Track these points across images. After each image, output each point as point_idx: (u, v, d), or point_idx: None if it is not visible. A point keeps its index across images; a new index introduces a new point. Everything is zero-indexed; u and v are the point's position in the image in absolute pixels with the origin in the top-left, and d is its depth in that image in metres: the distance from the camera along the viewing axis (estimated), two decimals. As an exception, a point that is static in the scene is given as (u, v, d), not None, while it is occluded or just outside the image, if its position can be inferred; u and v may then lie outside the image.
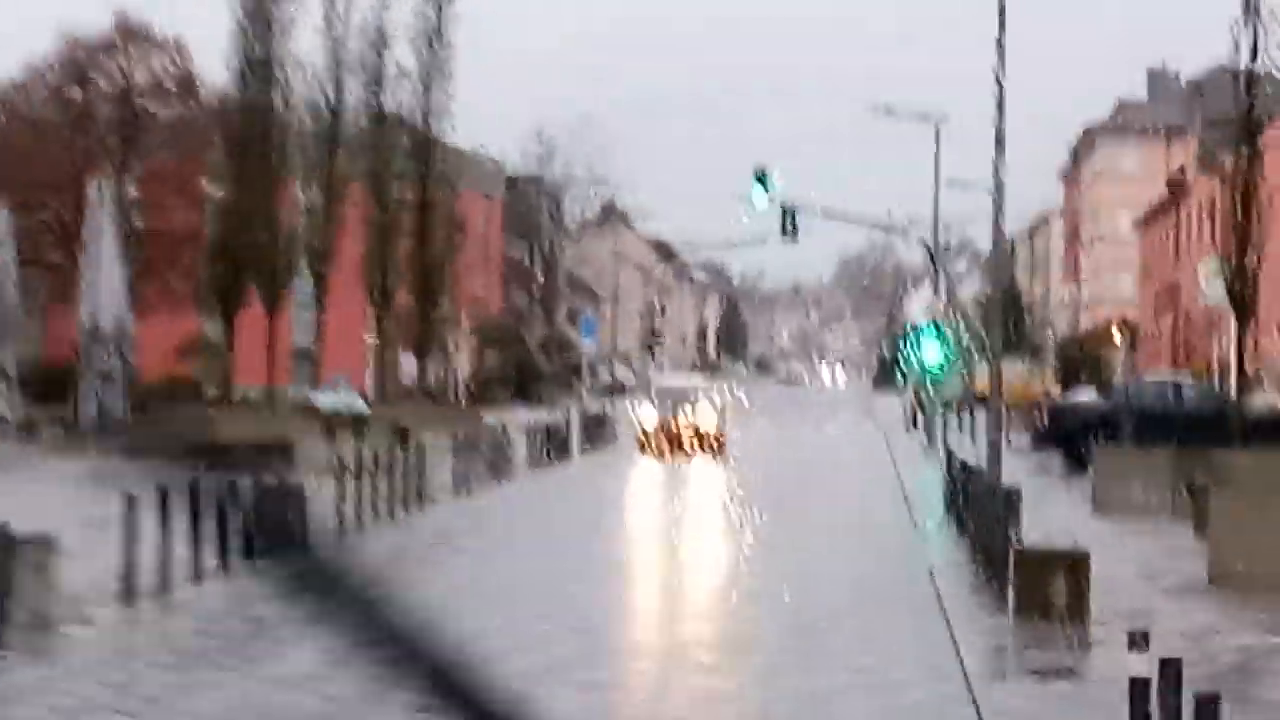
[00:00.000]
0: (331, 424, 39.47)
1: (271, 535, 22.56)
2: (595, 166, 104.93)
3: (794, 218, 63.41)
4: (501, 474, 37.92)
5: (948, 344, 52.70)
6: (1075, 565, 17.83)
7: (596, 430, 52.20)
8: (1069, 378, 74.84)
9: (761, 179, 52.18)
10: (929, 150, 52.24)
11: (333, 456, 34.16)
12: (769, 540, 27.17)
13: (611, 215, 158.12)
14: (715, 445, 47.45)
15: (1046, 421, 44.90)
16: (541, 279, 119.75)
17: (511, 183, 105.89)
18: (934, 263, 52.49)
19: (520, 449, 41.26)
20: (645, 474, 43.57)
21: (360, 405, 40.86)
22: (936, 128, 52.32)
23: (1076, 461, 43.06)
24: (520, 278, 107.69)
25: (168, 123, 57.95)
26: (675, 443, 46.90)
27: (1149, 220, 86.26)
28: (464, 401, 61.50)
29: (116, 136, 56.83)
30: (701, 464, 45.44)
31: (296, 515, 24.82)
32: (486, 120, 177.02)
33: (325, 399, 40.33)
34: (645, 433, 47.87)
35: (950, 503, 29.32)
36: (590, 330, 67.41)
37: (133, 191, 57.47)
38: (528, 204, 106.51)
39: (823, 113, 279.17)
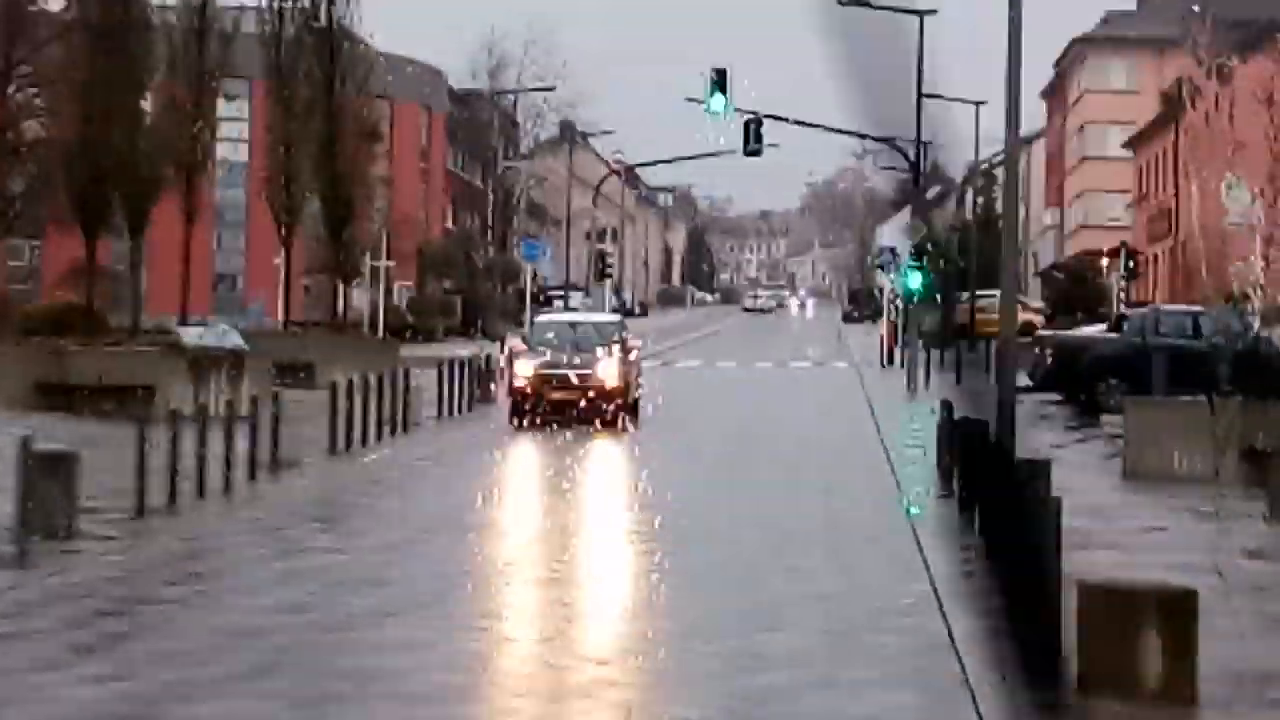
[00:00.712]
0: (201, 363, 32.91)
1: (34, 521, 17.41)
2: (550, 79, 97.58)
3: (758, 130, 56.87)
4: (398, 427, 31.45)
5: (926, 269, 46.26)
6: (1174, 608, 11.38)
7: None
8: (1058, 309, 68.40)
9: (719, 82, 45.55)
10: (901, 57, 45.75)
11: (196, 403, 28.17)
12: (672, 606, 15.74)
13: (569, 134, 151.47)
14: (616, 410, 33.64)
15: (1050, 361, 38.46)
16: (494, 201, 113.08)
17: (460, 98, 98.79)
18: (916, 176, 45.99)
19: (426, 395, 34.79)
20: (515, 457, 30.32)
21: (235, 341, 34.33)
22: (920, 18, 45.75)
23: (1089, 409, 36.82)
24: (471, 200, 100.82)
25: (58, 18, 50.86)
26: (555, 407, 33.74)
27: (1143, 138, 79.80)
28: (386, 334, 54.59)
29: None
30: (599, 440, 32.24)
31: (62, 496, 18.40)
32: (434, 32, 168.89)
33: (191, 334, 33.95)
34: (519, 392, 34.07)
35: (949, 474, 22.91)
36: (533, 253, 60.66)
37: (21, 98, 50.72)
38: (478, 121, 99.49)
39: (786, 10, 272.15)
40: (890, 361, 58.47)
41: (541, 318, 40.58)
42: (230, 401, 26.14)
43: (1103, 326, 43.08)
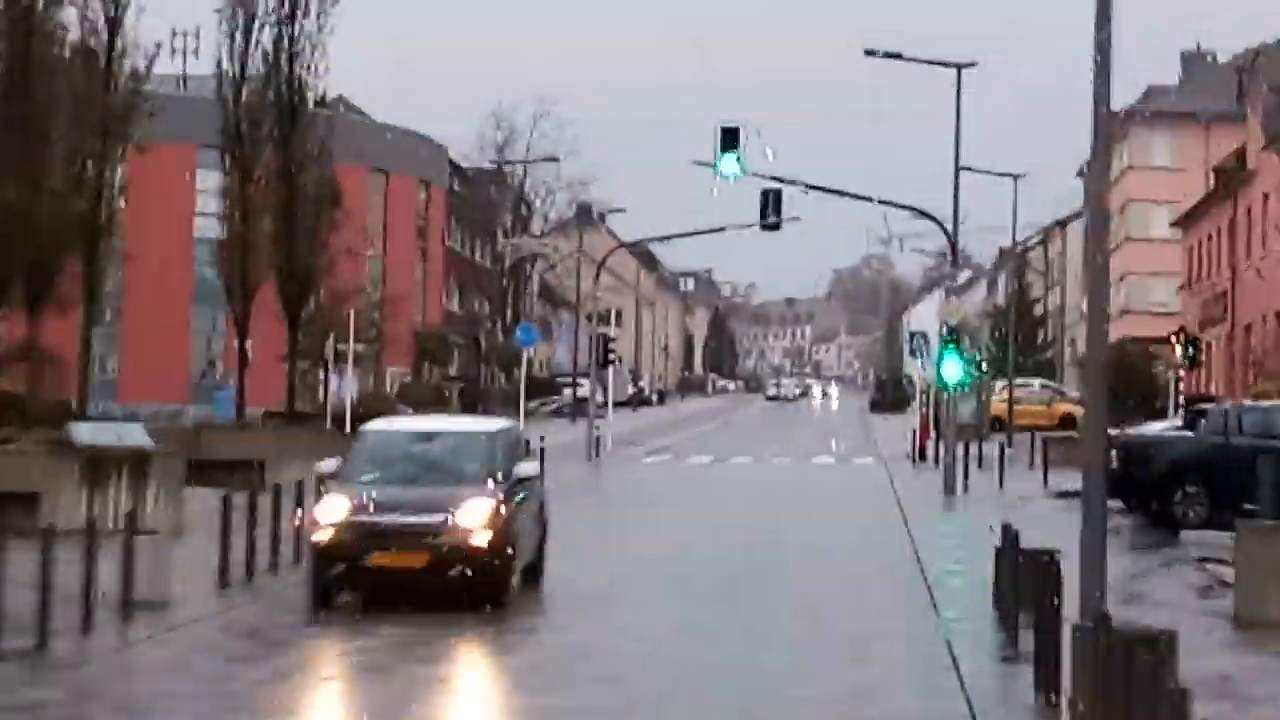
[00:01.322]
0: (95, 465, 27.30)
1: None
2: (561, 155, 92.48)
3: (776, 201, 51.46)
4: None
5: (965, 354, 40.52)
6: None
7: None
8: (1111, 401, 62.29)
9: (729, 141, 40.00)
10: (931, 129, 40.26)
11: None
12: None
13: (586, 217, 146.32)
14: (491, 585, 20.00)
15: (1117, 463, 32.59)
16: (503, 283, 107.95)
17: (466, 175, 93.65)
18: (952, 249, 40.37)
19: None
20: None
21: (138, 438, 28.72)
22: (958, 72, 40.27)
23: (1161, 522, 31.03)
24: (478, 282, 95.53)
25: None
26: (382, 579, 20.08)
27: (1193, 217, 74.24)
28: (351, 427, 48.73)
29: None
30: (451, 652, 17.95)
31: None
32: (440, 109, 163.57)
33: (84, 431, 28.42)
34: (323, 554, 20.05)
35: (1012, 626, 17.10)
36: (529, 337, 55.16)
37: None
38: (486, 198, 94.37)
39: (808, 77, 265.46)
40: (922, 458, 52.75)
41: (373, 425, 23.13)
42: (131, 512, 20.52)
43: (1170, 423, 37.22)
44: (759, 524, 31.96)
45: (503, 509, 19.89)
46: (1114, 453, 33.28)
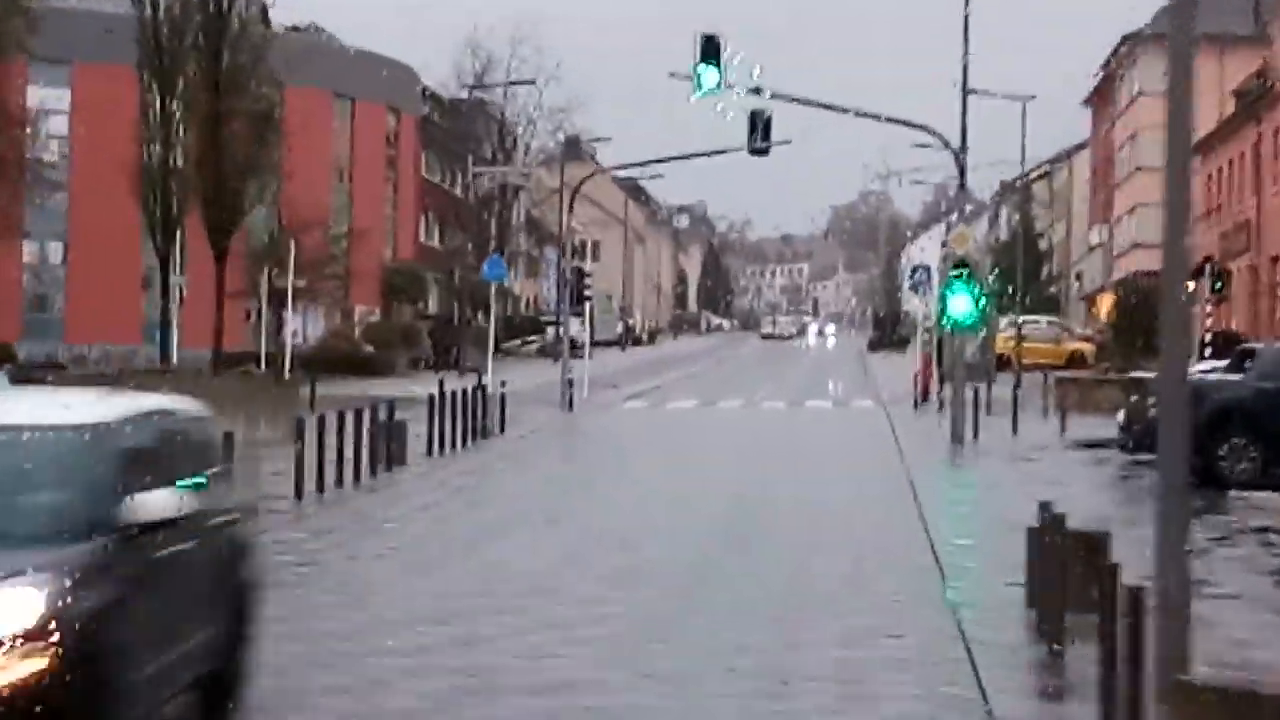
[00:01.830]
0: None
1: None
2: (542, 82, 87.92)
3: (765, 124, 47.16)
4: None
5: (976, 287, 36.18)
6: None
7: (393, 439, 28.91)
8: (1117, 338, 58.46)
9: (709, 51, 35.60)
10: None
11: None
12: None
13: (574, 150, 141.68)
14: None
15: (1153, 412, 28.42)
16: (486, 217, 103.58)
17: (444, 104, 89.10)
18: (960, 172, 35.96)
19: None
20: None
21: None
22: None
23: (1207, 479, 26.82)
24: (459, 216, 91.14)
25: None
26: None
27: (1211, 143, 69.75)
28: (292, 372, 44.08)
29: None
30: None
31: None
32: (416, 38, 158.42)
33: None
34: None
35: (1055, 624, 12.96)
36: (498, 272, 50.81)
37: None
38: (466, 129, 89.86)
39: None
40: (925, 399, 48.64)
41: None
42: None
43: (1208, 365, 33.01)
44: (740, 487, 27.49)
45: (77, 600, 8.92)
46: (1138, 400, 29.24)
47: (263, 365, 52.52)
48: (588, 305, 56.06)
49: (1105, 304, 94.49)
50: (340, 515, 22.91)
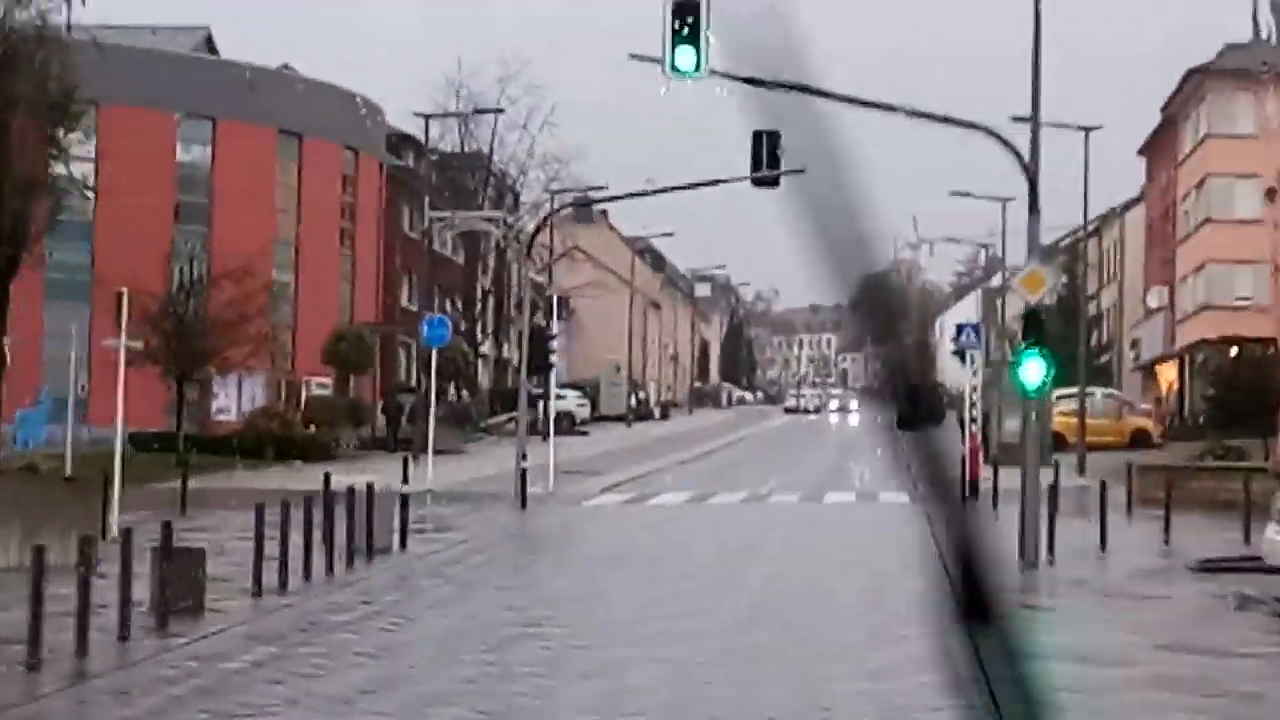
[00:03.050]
0: None
1: None
2: (534, 126, 78.52)
3: (771, 144, 37.69)
4: None
5: (1048, 350, 26.01)
6: None
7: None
8: (1221, 415, 48.78)
9: (683, 23, 25.71)
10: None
11: None
12: None
13: (588, 209, 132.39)
14: None
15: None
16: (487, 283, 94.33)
17: (426, 151, 79.70)
18: (1031, 187, 25.63)
19: None
20: None
21: None
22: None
23: None
24: (452, 277, 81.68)
25: None
26: None
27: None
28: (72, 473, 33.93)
29: None
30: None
31: None
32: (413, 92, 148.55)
33: None
34: None
35: None
36: (439, 334, 40.91)
37: None
38: (458, 182, 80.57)
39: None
40: (973, 492, 38.73)
41: None
42: None
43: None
44: (705, 670, 17.22)
45: None
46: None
47: (182, 446, 43.14)
48: (553, 374, 46.28)
49: (1167, 375, 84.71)
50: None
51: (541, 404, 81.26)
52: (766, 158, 38.25)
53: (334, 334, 53.19)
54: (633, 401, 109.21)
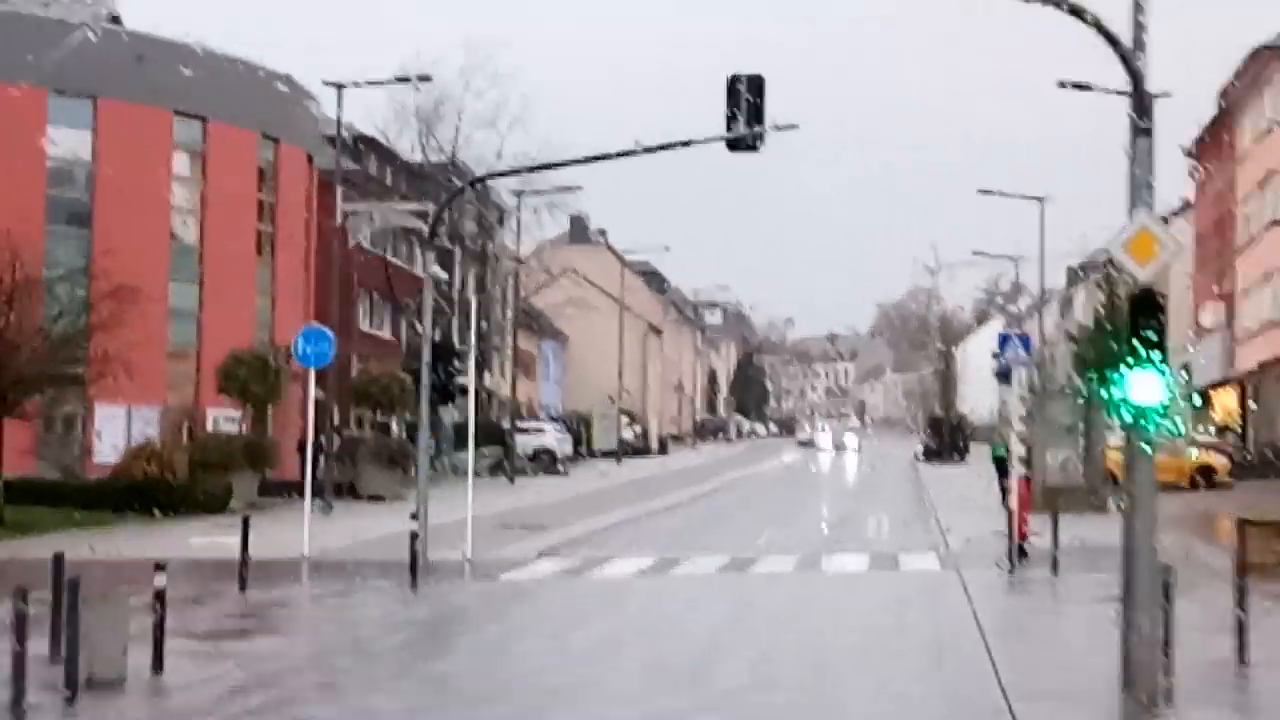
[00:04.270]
0: None
1: None
2: (502, 121, 69.24)
3: (753, 90, 28.30)
4: None
5: (1165, 362, 16.13)
6: None
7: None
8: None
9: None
10: None
11: None
12: None
13: (583, 231, 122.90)
14: None
15: None
16: (470, 305, 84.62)
17: (400, 164, 70.47)
18: (1135, 84, 16.00)
19: None
20: None
21: None
22: None
23: None
24: (404, 298, 72.12)
25: None
26: None
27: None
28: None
29: None
30: None
31: None
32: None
33: None
34: None
35: None
36: (318, 345, 31.14)
37: None
38: (425, 189, 71.31)
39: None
40: (1023, 555, 29.16)
41: None
42: None
43: None
44: None
45: None
46: None
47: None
48: (468, 403, 36.68)
49: (1225, 402, 75.03)
50: None
51: (522, 438, 72.06)
52: (745, 111, 28.79)
53: (231, 356, 43.48)
54: (629, 435, 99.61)
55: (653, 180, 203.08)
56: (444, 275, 41.84)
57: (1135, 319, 15.31)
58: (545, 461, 73.48)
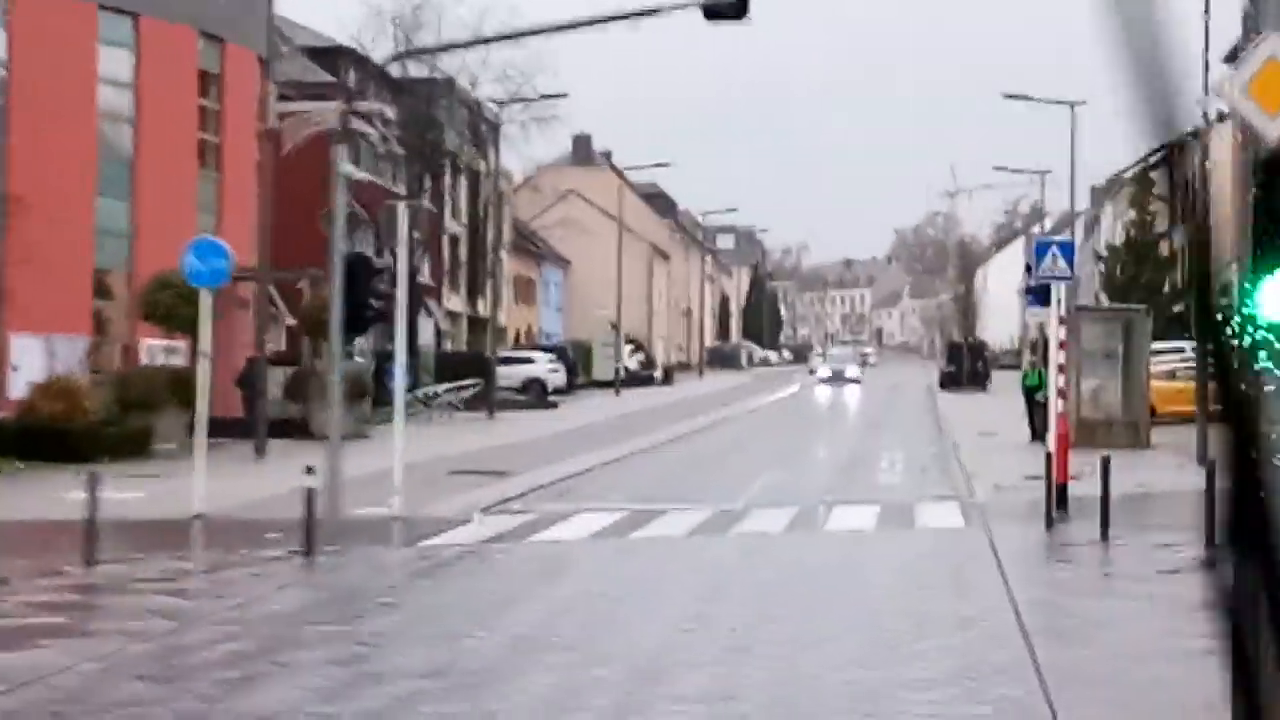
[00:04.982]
0: None
1: None
2: (487, 34, 63.72)
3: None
4: None
5: None
6: None
7: None
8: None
9: None
10: None
11: None
12: None
13: (587, 151, 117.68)
14: None
15: None
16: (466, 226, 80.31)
17: (387, 76, 65.19)
18: None
19: None
20: None
21: None
22: None
23: None
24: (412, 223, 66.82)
25: None
26: None
27: None
28: None
29: None
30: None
31: None
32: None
33: None
34: None
35: None
36: (212, 260, 25.83)
37: None
38: (423, 111, 66.30)
39: None
40: (1061, 505, 24.14)
41: None
42: None
43: None
44: None
45: None
46: None
47: None
48: (375, 327, 31.78)
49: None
50: None
51: (507, 368, 67.03)
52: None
53: (156, 280, 38.34)
54: (633, 364, 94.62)
55: (663, 107, 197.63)
56: (362, 175, 36.40)
57: (1270, 194, 10.08)
58: (536, 393, 68.50)
